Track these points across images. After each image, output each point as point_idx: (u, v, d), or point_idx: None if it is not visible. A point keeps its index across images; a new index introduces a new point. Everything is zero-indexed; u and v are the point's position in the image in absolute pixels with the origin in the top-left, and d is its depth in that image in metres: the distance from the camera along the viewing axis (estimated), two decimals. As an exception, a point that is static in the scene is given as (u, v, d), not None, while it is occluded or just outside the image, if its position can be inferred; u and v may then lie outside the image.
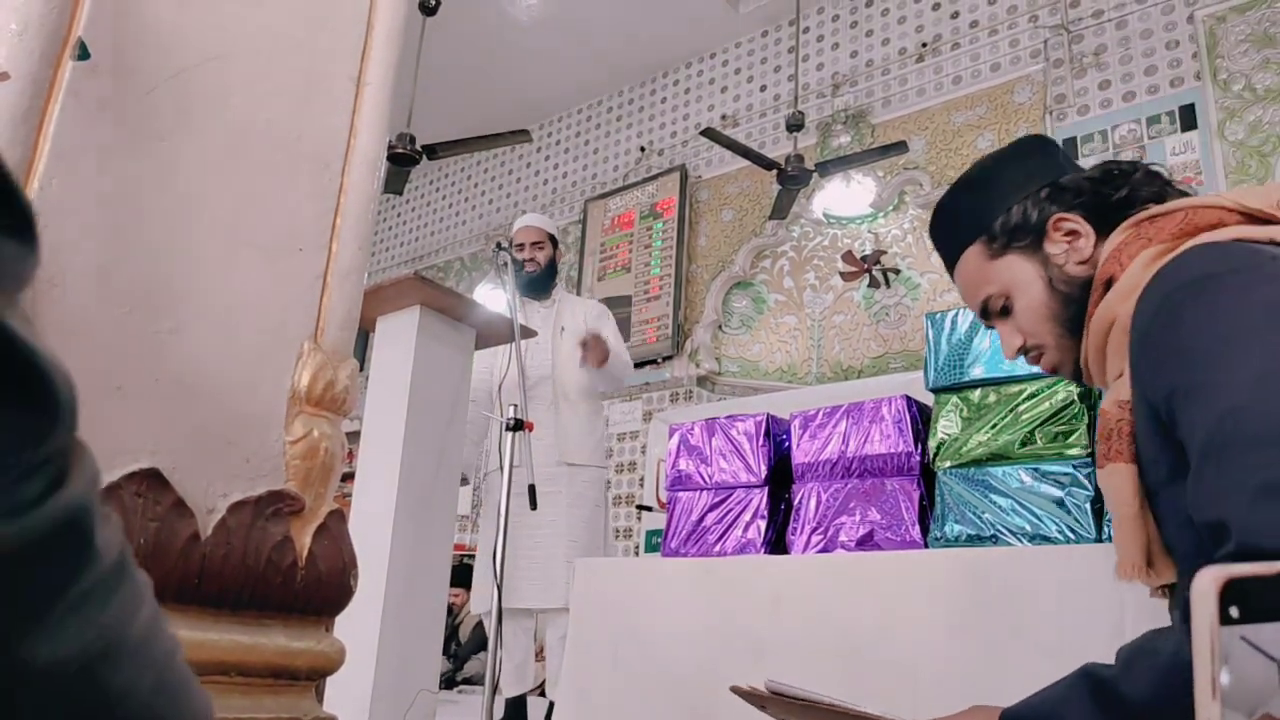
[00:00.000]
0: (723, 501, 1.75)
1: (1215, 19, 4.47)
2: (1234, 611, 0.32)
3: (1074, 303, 0.96)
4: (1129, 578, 0.88)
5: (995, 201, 1.01)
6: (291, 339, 0.92)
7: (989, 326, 1.06)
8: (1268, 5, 4.32)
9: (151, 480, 0.77)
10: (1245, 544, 0.67)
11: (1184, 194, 0.95)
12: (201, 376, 0.85)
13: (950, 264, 1.06)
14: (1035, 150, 1.04)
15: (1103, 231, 0.95)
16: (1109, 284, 0.90)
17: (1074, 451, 1.38)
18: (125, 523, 0.74)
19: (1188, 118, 4.46)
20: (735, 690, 1.05)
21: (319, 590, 0.87)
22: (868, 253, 5.64)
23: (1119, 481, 0.86)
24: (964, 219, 1.04)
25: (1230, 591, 0.32)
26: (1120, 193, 0.95)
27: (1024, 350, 1.01)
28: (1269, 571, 0.33)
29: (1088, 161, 4.69)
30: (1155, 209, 0.91)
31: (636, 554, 5.70)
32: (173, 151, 0.85)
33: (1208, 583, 0.32)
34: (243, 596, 0.83)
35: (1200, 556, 0.73)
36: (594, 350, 3.01)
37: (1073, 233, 0.96)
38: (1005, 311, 1.01)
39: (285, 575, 0.85)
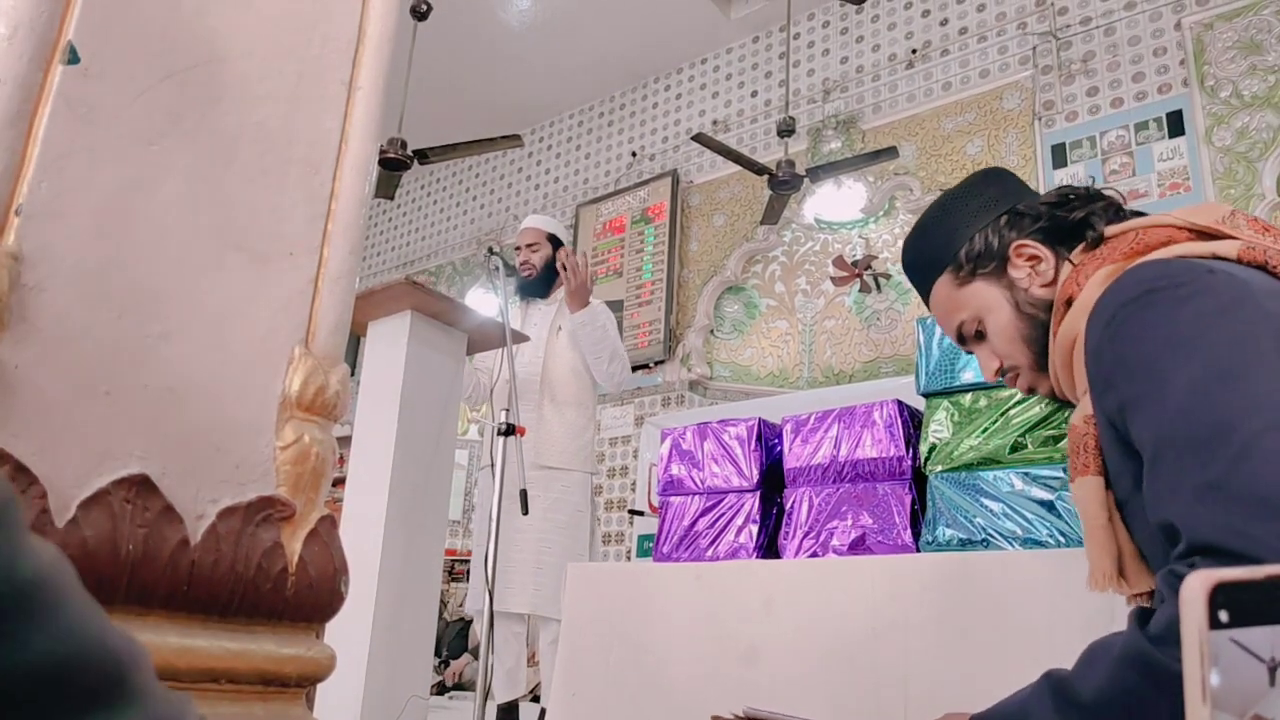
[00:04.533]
0: (714, 506, 1.75)
1: (1203, 26, 4.51)
2: (1223, 616, 0.32)
3: (1041, 324, 0.99)
4: (1101, 588, 0.91)
5: (958, 232, 1.04)
6: (282, 344, 0.92)
7: (967, 351, 1.10)
8: (1254, 13, 4.36)
9: (140, 486, 0.76)
10: (1193, 542, 0.70)
11: (1139, 214, 0.99)
12: (191, 381, 0.84)
13: (925, 297, 1.11)
14: (991, 182, 1.08)
15: (1063, 254, 0.99)
16: (1069, 303, 0.94)
17: (1064, 456, 1.38)
18: (113, 528, 0.73)
19: (1175, 124, 4.50)
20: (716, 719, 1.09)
21: (309, 597, 0.87)
22: (858, 258, 5.66)
23: (1087, 494, 0.89)
24: (930, 253, 1.08)
25: (1219, 596, 0.32)
26: (1075, 214, 0.98)
27: (1001, 371, 1.04)
28: (1257, 576, 0.34)
29: (1076, 168, 4.73)
30: (1110, 230, 0.95)
31: (629, 559, 5.69)
32: (163, 156, 0.85)
33: (1197, 587, 0.33)
34: (232, 603, 0.82)
35: (1166, 560, 0.76)
36: (574, 274, 2.94)
37: (1034, 257, 1.00)
38: (980, 335, 1.05)
39: (275, 581, 0.84)
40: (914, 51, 5.56)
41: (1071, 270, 0.95)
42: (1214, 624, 0.32)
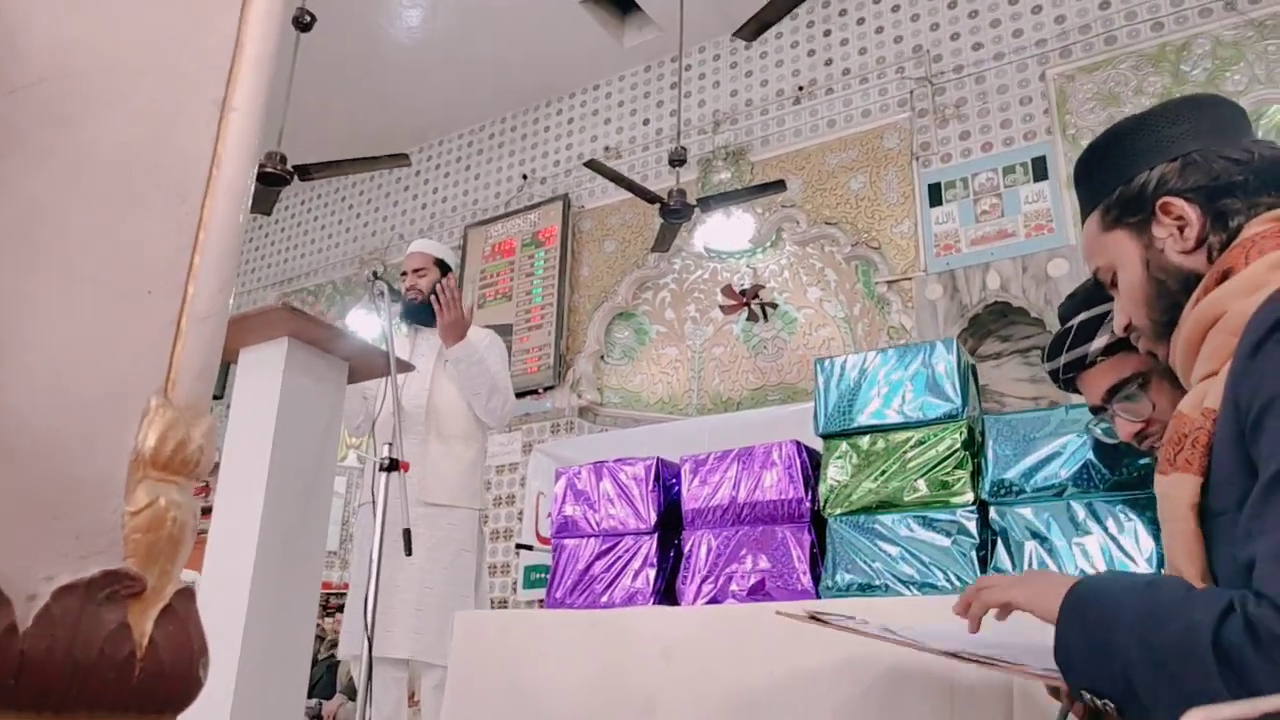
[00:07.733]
0: (611, 549, 1.70)
1: (1065, 78, 4.82)
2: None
3: (1167, 294, 0.89)
4: None
5: (1123, 167, 0.93)
6: (135, 393, 0.81)
7: (1110, 291, 1.00)
8: (1112, 67, 4.70)
9: (-45, 567, 0.65)
10: (1260, 590, 0.64)
11: None
12: (25, 438, 0.73)
13: (1083, 220, 1.00)
14: (1189, 111, 0.93)
15: (1221, 223, 0.86)
16: (1226, 276, 0.82)
17: (959, 500, 1.40)
18: (-82, 620, 0.62)
19: (1040, 169, 4.78)
20: (781, 614, 1.14)
21: (161, 684, 0.76)
22: (746, 287, 5.76)
23: (1181, 493, 0.79)
24: (1092, 181, 0.97)
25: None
26: (1244, 180, 0.86)
27: (1128, 329, 0.96)
28: (1251, 714, 0.31)
29: (951, 207, 4.96)
30: None
31: (514, 591, 5.56)
32: (4, 176, 0.74)
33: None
34: (69, 696, 0.71)
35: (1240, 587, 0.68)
36: (447, 308, 2.78)
37: (1180, 219, 0.88)
38: (1115, 285, 0.95)
39: (120, 669, 0.73)
40: (800, 89, 5.73)
41: (1244, 240, 0.83)
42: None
